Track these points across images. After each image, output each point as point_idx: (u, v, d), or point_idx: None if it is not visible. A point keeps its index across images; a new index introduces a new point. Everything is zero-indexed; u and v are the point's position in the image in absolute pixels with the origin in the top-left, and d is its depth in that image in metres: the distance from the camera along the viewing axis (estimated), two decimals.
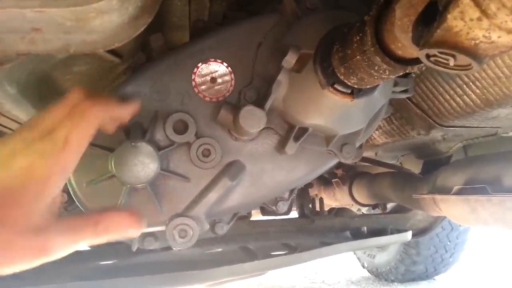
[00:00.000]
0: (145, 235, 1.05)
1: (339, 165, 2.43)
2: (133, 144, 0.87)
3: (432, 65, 0.48)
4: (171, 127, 0.91)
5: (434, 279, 3.52)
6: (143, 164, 0.88)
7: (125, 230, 0.61)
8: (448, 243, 3.19)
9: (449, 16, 0.41)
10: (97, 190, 0.90)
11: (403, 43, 0.54)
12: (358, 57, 0.64)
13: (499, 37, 0.40)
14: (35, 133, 0.57)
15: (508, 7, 0.36)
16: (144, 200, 0.93)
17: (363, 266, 3.88)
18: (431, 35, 0.44)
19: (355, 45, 0.64)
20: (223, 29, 0.98)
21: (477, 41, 0.42)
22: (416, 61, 0.59)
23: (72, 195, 0.92)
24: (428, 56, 0.47)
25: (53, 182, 0.56)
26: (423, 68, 1.15)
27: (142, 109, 0.93)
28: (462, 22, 0.41)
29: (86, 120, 0.60)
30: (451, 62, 0.46)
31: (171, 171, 0.92)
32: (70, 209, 0.72)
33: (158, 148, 0.90)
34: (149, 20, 0.62)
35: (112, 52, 1.11)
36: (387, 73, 0.63)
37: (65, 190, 0.98)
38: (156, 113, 0.92)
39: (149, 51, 1.03)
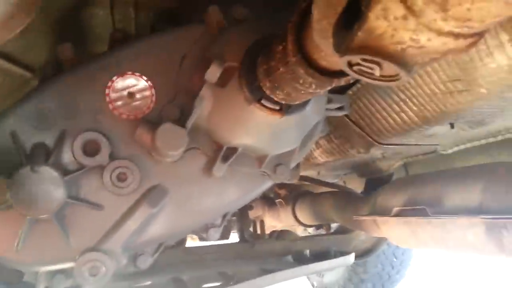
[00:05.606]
0: (54, 273, 0.92)
1: (283, 185, 2.37)
2: (33, 168, 0.75)
3: (356, 75, 0.41)
4: (80, 148, 0.80)
5: None
6: (46, 192, 0.75)
7: None
8: (395, 260, 3.20)
9: (370, 15, 0.34)
10: None
11: (325, 51, 0.47)
12: (281, 69, 0.57)
13: (428, 40, 0.34)
14: None
15: (437, 1, 0.30)
16: (49, 233, 0.80)
17: (313, 286, 3.81)
18: (351, 39, 0.37)
19: (278, 56, 0.57)
20: (143, 39, 0.89)
21: (404, 46, 0.35)
22: (343, 73, 0.53)
23: None
24: (350, 65, 0.40)
25: None
26: (358, 85, 1.11)
27: (47, 128, 0.81)
28: (385, 22, 0.34)
29: None
30: (377, 72, 0.39)
31: (81, 199, 0.81)
32: None
33: (65, 172, 0.78)
34: (27, 20, 0.52)
35: (22, 65, 1.00)
36: (314, 87, 0.56)
37: None
38: (63, 132, 0.80)
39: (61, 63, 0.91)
